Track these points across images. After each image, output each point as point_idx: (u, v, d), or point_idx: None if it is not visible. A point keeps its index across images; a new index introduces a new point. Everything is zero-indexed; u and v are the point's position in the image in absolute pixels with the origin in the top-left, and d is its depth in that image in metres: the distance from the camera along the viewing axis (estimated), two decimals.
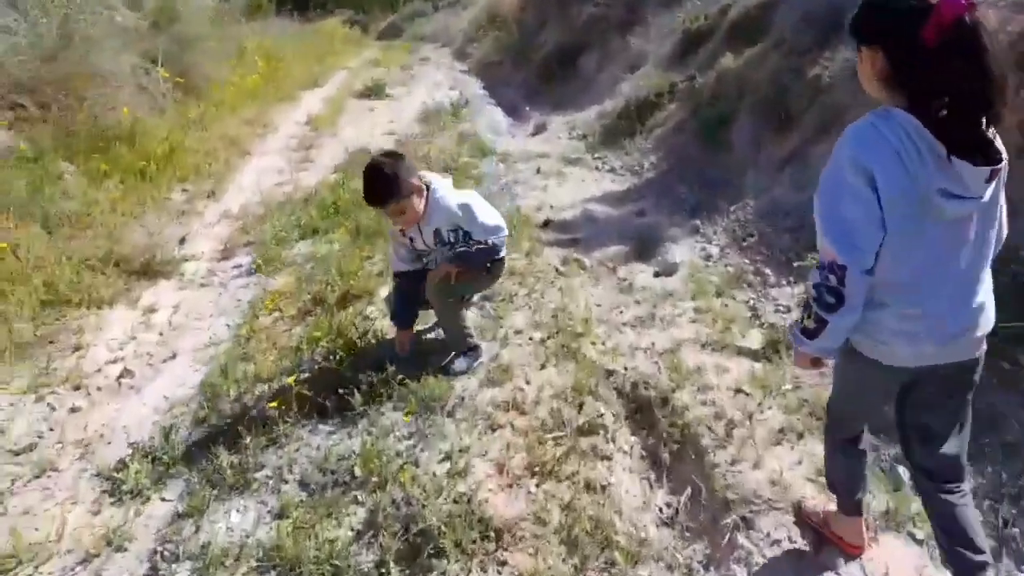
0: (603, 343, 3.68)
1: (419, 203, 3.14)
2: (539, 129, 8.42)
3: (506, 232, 3.41)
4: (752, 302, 3.97)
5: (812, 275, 1.73)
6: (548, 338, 3.63)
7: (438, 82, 12.46)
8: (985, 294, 1.81)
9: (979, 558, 1.96)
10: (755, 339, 3.59)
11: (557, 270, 4.47)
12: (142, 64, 8.60)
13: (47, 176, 5.67)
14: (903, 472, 2.73)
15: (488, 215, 3.32)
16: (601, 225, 5.30)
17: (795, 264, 4.11)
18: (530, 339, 3.64)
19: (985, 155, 1.59)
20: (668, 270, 4.38)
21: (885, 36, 1.62)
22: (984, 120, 1.59)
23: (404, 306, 3.50)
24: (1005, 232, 1.86)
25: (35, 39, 7.09)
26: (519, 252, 4.75)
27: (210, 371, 3.69)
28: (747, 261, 4.38)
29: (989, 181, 1.62)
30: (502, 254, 3.42)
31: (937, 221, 1.65)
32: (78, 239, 5.14)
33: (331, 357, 3.55)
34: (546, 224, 5.39)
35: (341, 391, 3.12)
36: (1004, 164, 1.64)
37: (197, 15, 11.11)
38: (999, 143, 1.63)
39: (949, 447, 1.98)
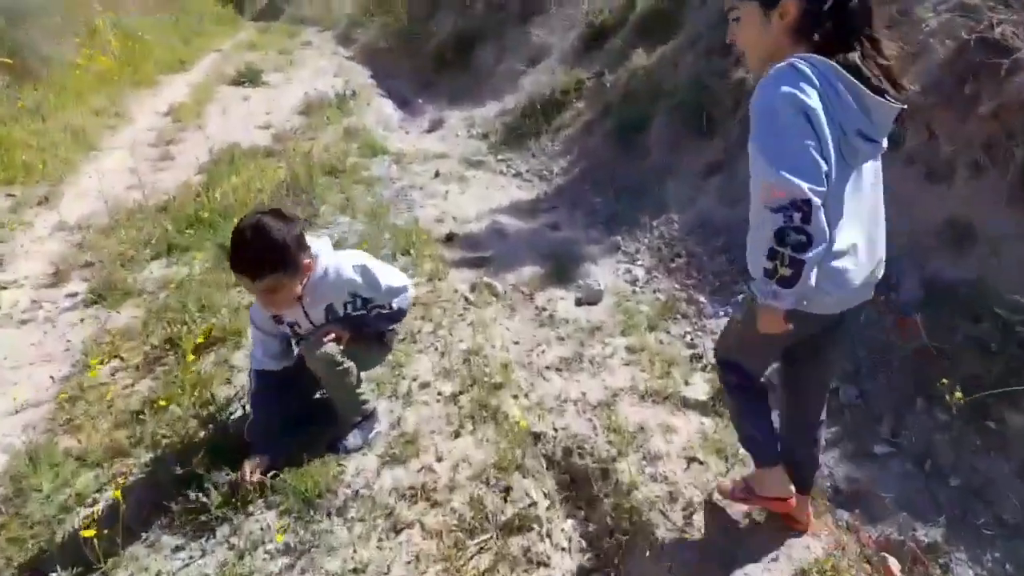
0: (526, 395, 3.08)
1: (299, 284, 2.42)
2: (435, 125, 7.72)
3: (412, 292, 2.77)
4: (690, 337, 3.49)
5: (770, 221, 1.58)
6: (461, 393, 2.99)
7: (321, 69, 11.48)
8: (884, 237, 1.86)
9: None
10: (700, 387, 3.10)
11: (466, 298, 3.84)
12: None
13: None
14: None
15: (390, 275, 2.65)
16: (512, 241, 4.70)
17: (734, 290, 3.67)
18: (439, 395, 3.00)
19: (895, 89, 1.68)
20: (592, 297, 3.84)
21: None
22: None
23: (266, 417, 2.57)
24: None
25: None
26: (420, 275, 4.08)
27: (17, 453, 2.81)
28: (677, 286, 3.91)
29: (895, 122, 1.72)
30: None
31: (851, 162, 1.71)
32: None
33: (183, 431, 2.77)
34: (449, 239, 4.74)
35: (192, 491, 2.36)
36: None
37: None
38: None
39: (819, 402, 2.15)
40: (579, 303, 3.84)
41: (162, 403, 2.96)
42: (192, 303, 3.71)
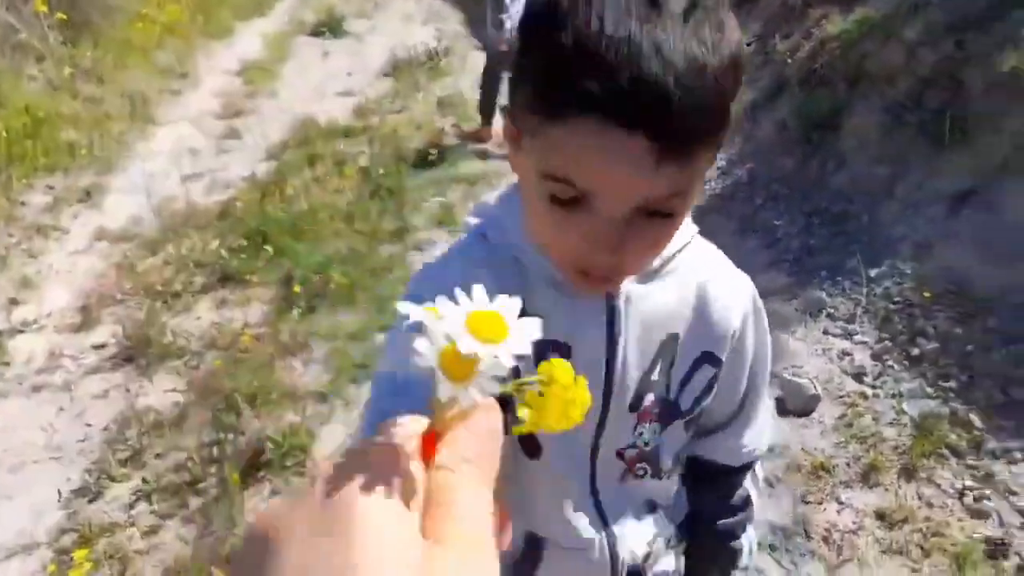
0: None
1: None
2: None
3: None
4: (973, 495, 2.27)
5: None
6: None
7: (408, 14, 10.25)
8: None
9: None
10: None
11: None
12: None
13: None
14: None
15: None
16: None
17: None
18: None
19: None
20: (802, 405, 2.64)
21: None
22: None
23: None
24: None
25: None
26: None
27: None
28: (930, 390, 2.66)
29: None
30: None
31: None
32: None
33: None
34: None
35: None
36: None
37: None
38: None
39: None
40: (782, 411, 2.66)
41: None
42: (242, 389, 2.72)
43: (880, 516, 2.22)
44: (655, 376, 0.83)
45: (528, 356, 0.31)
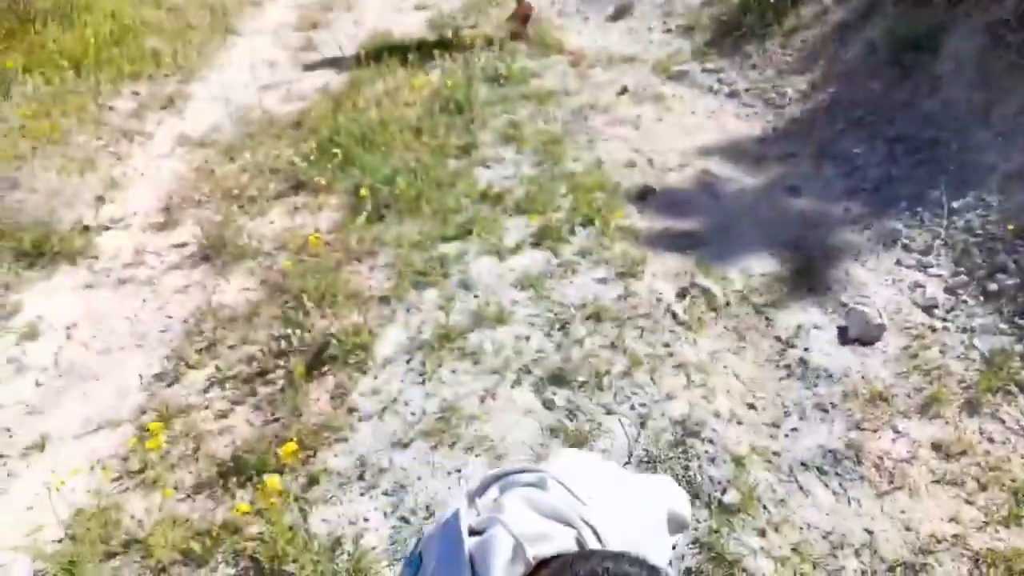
0: (776, 528, 1.98)
1: None
2: (621, 11, 6.22)
3: None
4: None
5: None
6: None
7: None
8: None
9: None
10: None
11: (673, 314, 2.70)
12: None
13: None
14: None
15: None
16: (731, 206, 3.43)
17: None
18: None
19: None
20: (865, 333, 2.58)
21: None
22: None
23: None
24: None
25: None
26: (609, 265, 2.97)
27: (74, 522, 2.12)
28: (1004, 325, 2.55)
29: None
30: None
31: None
32: None
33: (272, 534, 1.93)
34: (644, 196, 3.53)
35: None
36: None
37: None
38: None
39: None
40: (844, 339, 2.60)
41: (252, 470, 2.15)
42: (310, 290, 2.83)
43: (936, 447, 2.18)
44: None
45: None
